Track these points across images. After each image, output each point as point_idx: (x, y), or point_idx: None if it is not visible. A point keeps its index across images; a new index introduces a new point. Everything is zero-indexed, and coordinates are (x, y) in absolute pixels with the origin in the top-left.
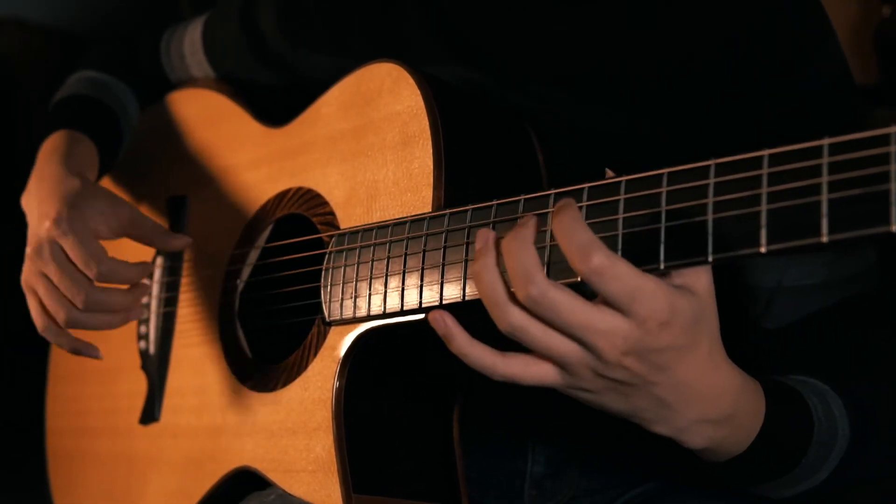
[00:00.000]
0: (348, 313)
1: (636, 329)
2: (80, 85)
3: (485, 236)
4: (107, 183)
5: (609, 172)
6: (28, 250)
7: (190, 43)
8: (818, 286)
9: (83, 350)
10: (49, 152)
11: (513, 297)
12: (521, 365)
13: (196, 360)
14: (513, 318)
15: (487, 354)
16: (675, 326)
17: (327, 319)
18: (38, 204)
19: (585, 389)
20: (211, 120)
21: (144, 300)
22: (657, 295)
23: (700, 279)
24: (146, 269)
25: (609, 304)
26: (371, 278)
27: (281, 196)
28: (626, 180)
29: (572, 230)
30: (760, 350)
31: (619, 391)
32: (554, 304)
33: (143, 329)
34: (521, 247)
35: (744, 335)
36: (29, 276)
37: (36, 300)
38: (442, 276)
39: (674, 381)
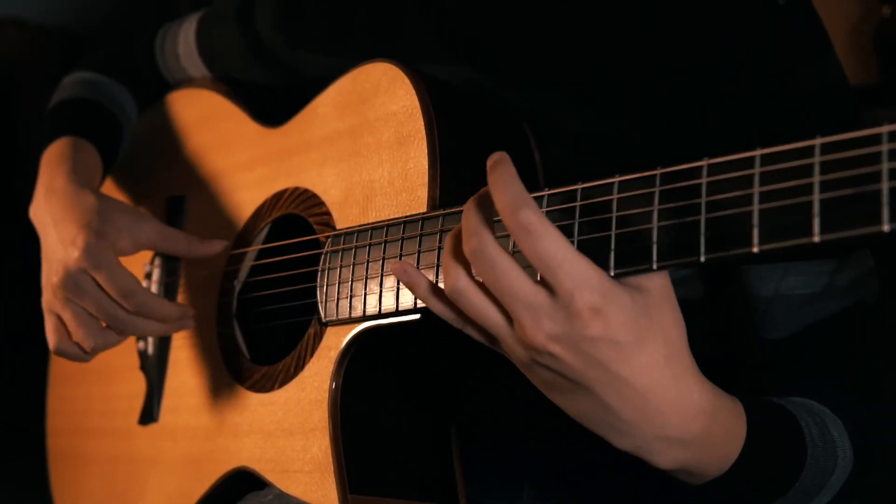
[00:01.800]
0: (344, 313)
1: (561, 309)
2: (76, 88)
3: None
4: (107, 184)
5: None
6: (55, 279)
7: (184, 43)
8: (817, 295)
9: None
10: (54, 162)
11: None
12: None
13: (194, 360)
14: (457, 280)
15: (445, 310)
16: (611, 316)
17: (324, 320)
18: (55, 224)
19: (542, 379)
20: (209, 120)
21: None
22: (589, 273)
23: (652, 279)
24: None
25: (539, 274)
26: (367, 278)
27: (278, 196)
28: (619, 181)
29: (506, 184)
30: (761, 364)
31: (558, 388)
32: (491, 259)
33: None
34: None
35: (743, 348)
36: (54, 301)
37: (55, 321)
38: (437, 277)
39: (615, 381)
